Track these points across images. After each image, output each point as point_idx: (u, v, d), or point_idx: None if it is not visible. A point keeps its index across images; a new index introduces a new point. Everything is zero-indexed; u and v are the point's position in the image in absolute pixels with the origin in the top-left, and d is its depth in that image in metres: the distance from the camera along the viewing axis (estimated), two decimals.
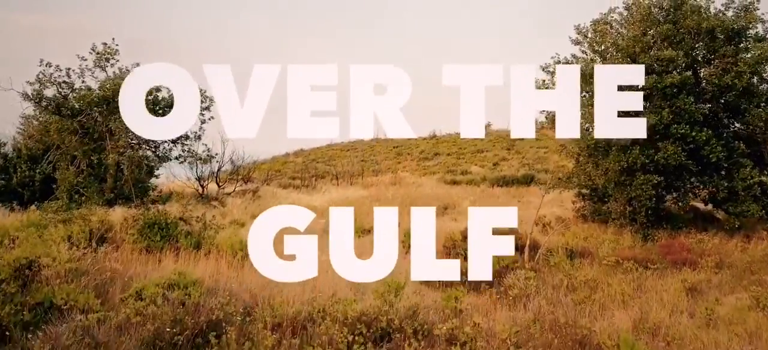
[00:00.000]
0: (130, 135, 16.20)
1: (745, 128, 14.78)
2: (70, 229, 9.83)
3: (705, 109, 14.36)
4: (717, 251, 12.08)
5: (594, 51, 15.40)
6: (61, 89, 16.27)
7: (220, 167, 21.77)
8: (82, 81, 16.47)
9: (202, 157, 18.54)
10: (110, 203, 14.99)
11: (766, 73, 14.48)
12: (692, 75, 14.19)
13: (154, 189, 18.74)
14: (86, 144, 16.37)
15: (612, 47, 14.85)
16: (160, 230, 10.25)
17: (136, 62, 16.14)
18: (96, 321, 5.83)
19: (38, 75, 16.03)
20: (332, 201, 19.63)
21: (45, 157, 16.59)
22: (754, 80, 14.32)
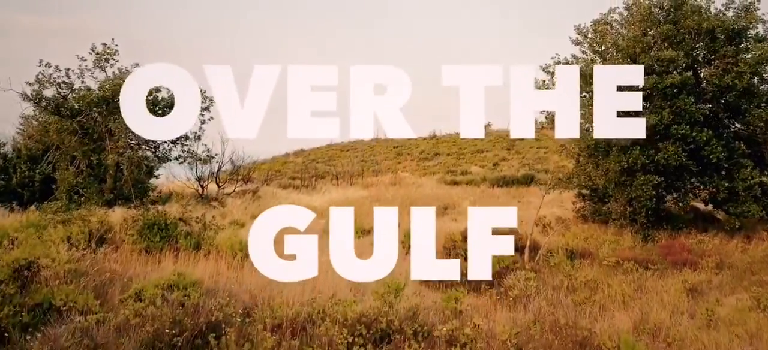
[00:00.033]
0: (129, 135, 16.21)
1: (745, 128, 14.77)
2: (70, 230, 9.80)
3: (705, 110, 14.35)
4: (717, 252, 12.08)
5: (594, 51, 15.40)
6: (60, 89, 16.27)
7: (220, 167, 21.74)
8: (82, 81, 16.49)
9: (201, 157, 18.53)
10: (110, 204, 14.97)
11: (767, 74, 14.49)
12: (692, 75, 14.19)
13: (153, 189, 18.73)
14: (86, 144, 16.35)
15: (612, 47, 14.85)
16: (159, 231, 10.23)
17: (136, 62, 16.24)
18: (95, 323, 5.84)
19: (38, 75, 16.05)
20: (332, 201, 19.61)
21: (44, 157, 16.57)
22: (755, 80, 14.33)
